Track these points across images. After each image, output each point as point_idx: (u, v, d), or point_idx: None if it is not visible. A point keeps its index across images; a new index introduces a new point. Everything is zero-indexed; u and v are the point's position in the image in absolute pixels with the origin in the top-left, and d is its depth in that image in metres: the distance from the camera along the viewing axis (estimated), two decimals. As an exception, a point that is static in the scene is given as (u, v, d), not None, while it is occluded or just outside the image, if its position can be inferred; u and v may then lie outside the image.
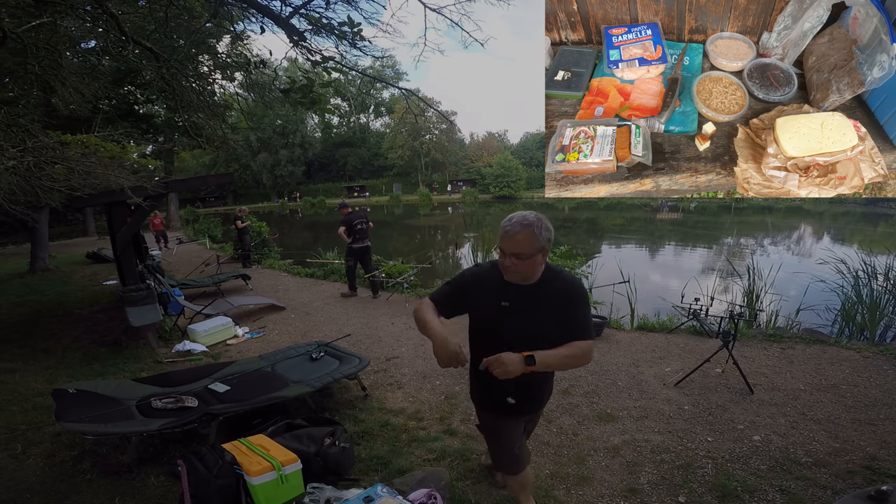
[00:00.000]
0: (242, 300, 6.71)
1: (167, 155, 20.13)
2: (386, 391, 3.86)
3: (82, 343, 5.27)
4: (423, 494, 2.16)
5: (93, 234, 21.65)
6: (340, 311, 6.55)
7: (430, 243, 18.23)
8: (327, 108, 3.81)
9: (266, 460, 2.18)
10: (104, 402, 3.03)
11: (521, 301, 1.65)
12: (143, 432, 2.67)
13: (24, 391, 3.84)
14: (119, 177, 4.07)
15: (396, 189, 48.51)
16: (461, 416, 3.36)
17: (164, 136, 12.09)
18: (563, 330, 1.61)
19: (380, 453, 2.85)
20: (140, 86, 9.12)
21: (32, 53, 2.82)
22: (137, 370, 4.39)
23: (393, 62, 43.98)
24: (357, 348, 4.73)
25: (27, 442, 3.02)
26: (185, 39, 4.53)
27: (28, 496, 2.49)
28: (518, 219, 1.55)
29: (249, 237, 11.16)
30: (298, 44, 3.87)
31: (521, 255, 1.55)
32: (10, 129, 2.94)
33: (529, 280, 1.64)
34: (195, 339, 5.22)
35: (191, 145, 17.99)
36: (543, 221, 1.57)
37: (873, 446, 2.79)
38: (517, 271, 1.59)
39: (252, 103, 11.61)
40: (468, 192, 45.42)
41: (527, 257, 1.55)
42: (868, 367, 3.94)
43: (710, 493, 2.43)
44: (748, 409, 3.32)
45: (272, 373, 3.66)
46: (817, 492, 2.40)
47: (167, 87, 3.94)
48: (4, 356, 4.80)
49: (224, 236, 17.96)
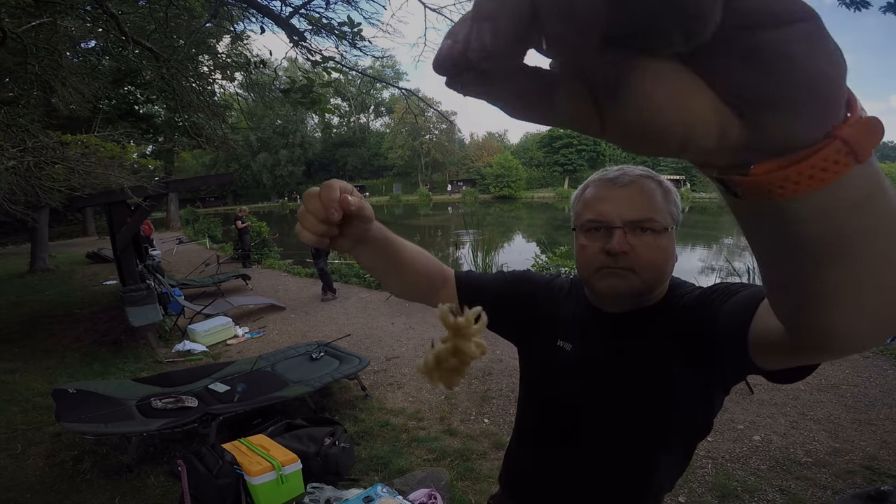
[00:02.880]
0: (242, 300, 6.71)
1: (167, 155, 20.13)
2: (386, 391, 3.86)
3: (82, 343, 5.27)
4: (423, 494, 2.16)
5: (93, 234, 21.64)
6: (340, 311, 6.55)
7: (430, 243, 18.23)
8: (327, 108, 3.81)
9: (266, 460, 2.18)
10: (104, 402, 3.03)
11: (627, 341, 0.83)
12: (143, 432, 2.67)
13: (24, 391, 3.84)
14: (119, 177, 4.08)
15: (396, 189, 48.53)
16: (461, 416, 3.36)
17: (164, 136, 12.11)
18: (732, 314, 0.65)
19: (380, 453, 2.85)
20: (140, 86, 9.13)
21: (32, 53, 2.82)
22: (137, 370, 4.39)
23: (393, 62, 44.00)
24: (357, 348, 4.73)
25: (27, 442, 3.02)
26: (185, 39, 4.53)
27: (28, 496, 2.49)
28: (626, 168, 0.82)
29: (249, 237, 11.17)
30: (298, 44, 3.87)
31: (642, 224, 0.77)
32: (10, 129, 2.94)
33: (650, 287, 0.80)
34: (195, 339, 5.22)
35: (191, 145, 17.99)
36: (666, 181, 0.83)
37: (873, 446, 2.79)
38: (633, 264, 0.77)
39: (252, 103, 11.61)
40: (468, 192, 45.44)
41: (653, 230, 0.78)
42: (868, 367, 3.94)
43: (710, 493, 2.43)
44: (748, 409, 3.32)
45: (272, 373, 3.66)
46: (817, 492, 2.40)
47: (167, 87, 3.94)
48: (4, 356, 4.80)
49: (224, 236, 17.96)
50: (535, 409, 0.97)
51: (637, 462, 0.83)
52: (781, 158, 0.24)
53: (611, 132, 0.24)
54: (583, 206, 0.84)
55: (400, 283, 0.83)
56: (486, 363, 4.26)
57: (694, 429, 0.82)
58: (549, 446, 0.92)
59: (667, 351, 0.78)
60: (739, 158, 0.25)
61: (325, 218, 0.58)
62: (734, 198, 0.28)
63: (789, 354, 0.52)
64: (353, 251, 0.70)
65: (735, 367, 0.71)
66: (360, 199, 0.61)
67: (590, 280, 0.82)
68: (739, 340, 0.61)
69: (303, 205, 0.60)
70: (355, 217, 0.62)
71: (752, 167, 0.25)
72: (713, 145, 0.23)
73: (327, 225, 0.59)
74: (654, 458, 0.82)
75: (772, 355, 0.57)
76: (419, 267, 0.82)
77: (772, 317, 0.50)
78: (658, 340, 0.79)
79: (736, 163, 0.25)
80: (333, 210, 0.57)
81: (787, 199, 0.26)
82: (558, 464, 0.91)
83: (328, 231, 0.60)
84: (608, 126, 0.23)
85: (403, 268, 0.79)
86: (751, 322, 0.59)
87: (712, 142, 0.23)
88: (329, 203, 0.57)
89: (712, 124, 0.22)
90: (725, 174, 0.26)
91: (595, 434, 0.85)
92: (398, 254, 0.76)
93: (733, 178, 0.26)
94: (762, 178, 0.25)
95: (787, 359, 0.54)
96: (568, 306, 0.93)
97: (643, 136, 0.23)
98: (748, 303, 0.62)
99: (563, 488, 0.91)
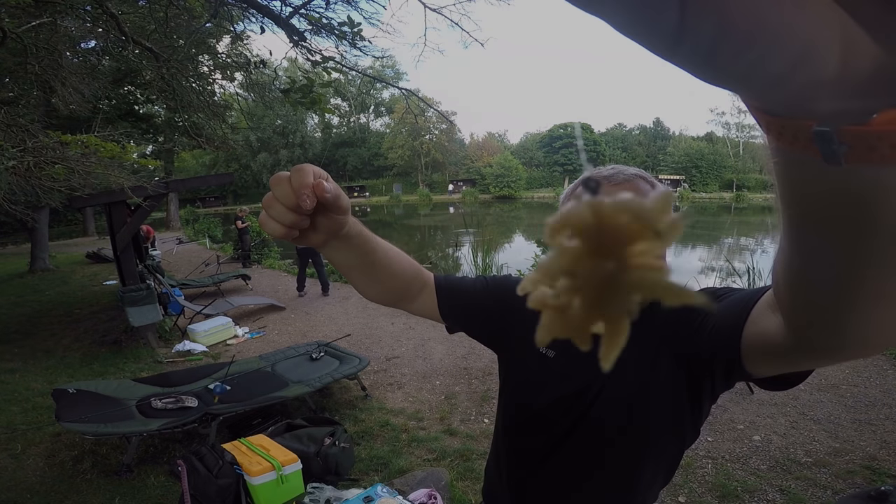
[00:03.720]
0: (242, 300, 6.71)
1: (167, 155, 20.15)
2: (386, 391, 3.86)
3: (82, 343, 5.27)
4: (423, 494, 2.16)
5: (93, 234, 21.64)
6: (340, 311, 6.55)
7: (430, 243, 18.23)
8: (327, 108, 3.81)
9: (266, 460, 2.18)
10: (104, 402, 3.03)
11: None
12: (143, 432, 2.67)
13: (24, 391, 3.84)
14: (119, 177, 4.08)
15: (396, 189, 48.52)
16: (461, 416, 3.36)
17: (164, 136, 12.11)
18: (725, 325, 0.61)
19: (380, 453, 2.85)
20: (140, 86, 9.13)
21: (32, 53, 2.83)
22: (137, 370, 4.39)
23: (393, 62, 44.02)
24: (357, 348, 4.72)
25: (27, 442, 3.02)
26: (185, 39, 4.54)
27: (28, 496, 2.49)
28: (620, 167, 0.80)
29: (249, 237, 11.19)
30: (298, 44, 3.88)
31: None
32: (10, 129, 2.94)
33: None
34: (195, 339, 5.22)
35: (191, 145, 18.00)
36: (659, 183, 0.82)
37: (873, 446, 2.79)
38: None
39: (252, 103, 11.61)
40: (468, 192, 45.42)
41: None
42: (868, 367, 3.94)
43: (710, 493, 2.43)
44: (748, 409, 3.32)
45: (272, 373, 3.66)
46: (817, 492, 2.40)
47: (167, 87, 3.94)
48: (4, 356, 4.80)
49: (224, 236, 17.96)
50: (516, 417, 0.91)
51: (623, 471, 0.80)
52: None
53: (688, 44, 0.17)
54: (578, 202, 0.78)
55: (376, 285, 0.75)
56: (486, 363, 4.26)
57: (681, 437, 0.79)
58: (531, 457, 0.87)
59: (655, 357, 0.74)
60: (859, 101, 0.18)
61: (294, 206, 0.50)
62: (832, 167, 0.20)
63: (785, 358, 0.49)
64: (326, 247, 0.62)
65: (726, 373, 0.68)
66: (336, 187, 0.53)
67: None
68: (731, 346, 0.57)
69: (270, 191, 0.52)
70: (330, 207, 0.54)
71: (874, 115, 0.18)
72: (832, 72, 0.17)
73: (298, 215, 0.51)
74: (641, 466, 0.79)
75: (766, 360, 0.54)
76: (396, 269, 0.74)
77: (768, 320, 0.49)
78: (646, 346, 0.74)
79: (851, 108, 0.19)
80: (305, 197, 0.49)
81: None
82: (542, 476, 0.86)
83: (298, 222, 0.52)
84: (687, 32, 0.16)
85: (380, 269, 0.71)
86: (744, 326, 0.56)
87: (832, 66, 0.17)
88: (301, 189, 0.49)
89: (835, 42, 0.16)
90: (832, 123, 0.19)
91: (581, 442, 0.81)
92: (375, 253, 0.68)
93: (843, 131, 0.19)
94: (885, 129, 0.18)
95: (782, 364, 0.52)
96: None
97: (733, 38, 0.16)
98: (741, 307, 0.58)
99: (549, 500, 0.86)
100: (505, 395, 0.94)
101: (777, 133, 0.22)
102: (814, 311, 0.35)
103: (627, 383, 0.76)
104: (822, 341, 0.38)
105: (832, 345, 0.37)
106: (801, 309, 0.37)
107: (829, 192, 0.24)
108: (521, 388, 0.89)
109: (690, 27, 0.16)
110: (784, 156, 0.24)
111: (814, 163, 0.21)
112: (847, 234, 0.26)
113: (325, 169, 0.53)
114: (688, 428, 0.77)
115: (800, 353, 0.45)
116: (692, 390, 0.73)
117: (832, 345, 0.37)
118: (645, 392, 0.75)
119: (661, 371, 0.74)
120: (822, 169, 0.21)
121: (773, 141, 0.23)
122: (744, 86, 0.19)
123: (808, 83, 0.17)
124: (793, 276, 0.34)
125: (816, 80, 0.17)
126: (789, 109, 0.20)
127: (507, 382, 0.93)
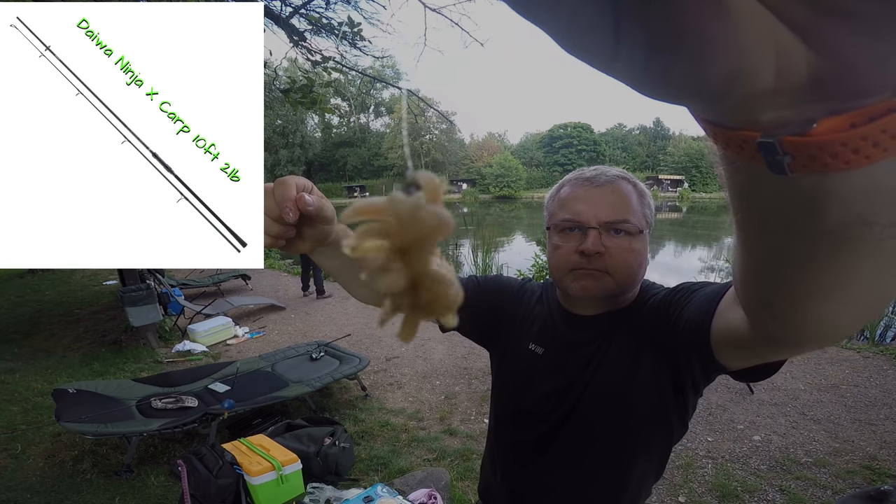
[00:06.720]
0: (242, 300, 6.71)
1: (167, 155, 20.15)
2: (386, 391, 3.86)
3: (82, 343, 5.27)
4: (423, 494, 2.16)
5: (93, 234, 21.64)
6: (340, 311, 6.55)
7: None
8: (327, 108, 3.81)
9: (266, 460, 2.18)
10: (104, 402, 3.03)
11: (599, 344, 0.81)
12: (143, 432, 2.67)
13: (24, 391, 3.84)
14: (119, 177, 4.08)
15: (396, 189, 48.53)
16: (461, 416, 3.36)
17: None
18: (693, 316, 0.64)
19: (380, 453, 2.85)
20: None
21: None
22: (137, 370, 4.39)
23: (393, 62, 44.03)
24: (357, 348, 4.72)
25: (27, 442, 3.02)
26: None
27: (28, 496, 2.49)
28: (603, 168, 0.80)
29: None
30: (298, 44, 3.88)
31: (617, 226, 0.75)
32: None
33: (623, 289, 0.78)
34: (195, 339, 5.22)
35: (191, 145, 17.98)
36: (641, 184, 0.83)
37: (873, 446, 2.79)
38: (606, 265, 0.75)
39: (252, 103, 11.58)
40: (468, 192, 45.46)
41: (627, 233, 0.76)
42: (868, 367, 3.94)
43: (710, 493, 2.43)
44: (748, 408, 3.32)
45: (272, 373, 3.66)
46: (817, 492, 2.40)
47: (167, 87, 3.93)
48: (4, 356, 4.80)
49: (224, 236, 17.94)
50: (507, 412, 0.93)
51: (612, 467, 0.81)
52: (853, 112, 0.18)
53: (624, 58, 0.17)
54: (558, 205, 0.82)
55: (365, 287, 0.76)
56: (486, 363, 4.26)
57: (668, 432, 0.80)
58: (523, 451, 0.89)
59: (638, 353, 0.77)
60: (798, 109, 0.18)
61: (278, 218, 0.52)
62: (777, 175, 0.20)
63: (751, 350, 0.51)
64: (314, 254, 0.65)
65: (701, 368, 0.71)
66: (320, 199, 0.56)
67: (563, 281, 0.80)
68: (702, 340, 0.59)
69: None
70: (314, 218, 0.56)
71: (814, 124, 0.18)
72: (768, 82, 0.17)
73: (282, 226, 0.53)
74: (630, 463, 0.80)
75: (735, 353, 0.56)
76: None
77: (733, 314, 0.50)
78: (629, 343, 0.78)
79: (791, 118, 0.19)
80: (288, 210, 0.51)
81: (845, 170, 0.19)
82: (533, 473, 0.88)
83: (283, 232, 0.54)
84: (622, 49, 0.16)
85: None
86: (711, 321, 0.57)
87: (767, 76, 0.17)
88: (283, 202, 0.51)
89: (769, 52, 0.16)
90: (774, 134, 0.19)
91: (570, 439, 0.83)
92: None
93: (785, 142, 0.19)
94: (826, 139, 0.18)
95: (750, 356, 0.53)
96: (540, 310, 0.91)
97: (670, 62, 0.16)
98: (708, 301, 0.60)
99: (540, 498, 0.88)
100: (496, 390, 0.97)
101: (724, 143, 0.22)
102: (767, 306, 0.37)
103: (614, 379, 0.78)
104: (780, 335, 0.39)
105: (789, 338, 0.39)
106: (757, 305, 0.39)
107: (776, 197, 0.24)
108: (512, 383, 0.92)
109: (625, 40, 0.16)
110: (732, 164, 0.24)
111: (760, 171, 0.21)
112: (794, 236, 0.26)
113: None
114: (674, 422, 0.79)
115: (763, 346, 0.47)
116: (676, 385, 0.75)
117: (789, 338, 0.39)
118: (630, 387, 0.77)
119: (645, 367, 0.76)
120: (769, 177, 0.21)
121: (721, 150, 0.23)
122: (683, 101, 0.19)
123: (746, 95, 0.17)
124: (746, 274, 0.36)
125: (754, 92, 0.17)
126: (732, 121, 0.20)
127: (498, 378, 0.96)
